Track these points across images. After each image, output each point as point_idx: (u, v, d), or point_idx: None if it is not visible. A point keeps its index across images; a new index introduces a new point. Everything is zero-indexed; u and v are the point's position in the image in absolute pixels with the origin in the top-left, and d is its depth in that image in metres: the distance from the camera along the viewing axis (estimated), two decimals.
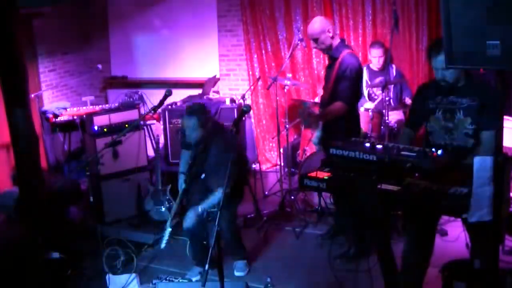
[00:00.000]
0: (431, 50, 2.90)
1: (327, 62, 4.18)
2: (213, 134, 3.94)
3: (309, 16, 5.91)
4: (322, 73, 4.84)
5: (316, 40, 4.00)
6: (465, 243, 3.25)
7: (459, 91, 2.92)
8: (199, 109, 3.94)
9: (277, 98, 5.43)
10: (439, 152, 2.50)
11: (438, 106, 2.98)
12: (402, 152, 2.54)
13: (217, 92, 6.57)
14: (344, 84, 3.91)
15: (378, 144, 2.68)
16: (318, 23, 4.00)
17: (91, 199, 3.40)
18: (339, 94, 3.93)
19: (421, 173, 2.48)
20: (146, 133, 5.37)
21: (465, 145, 2.94)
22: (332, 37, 4.00)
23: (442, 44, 2.77)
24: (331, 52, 4.05)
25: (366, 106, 5.33)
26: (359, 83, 4.15)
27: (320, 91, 5.38)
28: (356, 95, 4.07)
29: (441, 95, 2.97)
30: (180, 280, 3.94)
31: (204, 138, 3.92)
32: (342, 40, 4.14)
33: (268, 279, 3.43)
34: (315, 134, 4.11)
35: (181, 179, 4.16)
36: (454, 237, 4.23)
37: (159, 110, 4.68)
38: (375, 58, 5.40)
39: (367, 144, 2.70)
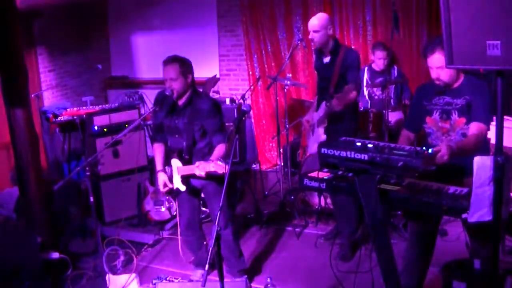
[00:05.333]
0: (426, 48, 2.90)
1: (325, 60, 4.20)
2: (195, 92, 3.56)
3: (309, 16, 5.87)
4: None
5: (316, 32, 4.06)
6: (465, 243, 3.25)
7: (454, 92, 2.91)
8: (181, 58, 3.52)
9: (277, 98, 5.42)
10: (430, 150, 2.49)
11: (435, 107, 2.98)
12: (394, 151, 2.52)
13: (217, 92, 6.57)
14: (354, 73, 4.05)
15: (369, 143, 2.66)
16: (321, 18, 4.10)
17: (91, 199, 3.39)
18: (351, 82, 3.98)
19: (413, 172, 2.47)
20: (146, 133, 5.37)
21: None
22: (331, 35, 4.13)
23: (437, 42, 2.80)
24: (329, 48, 4.13)
25: (364, 106, 5.32)
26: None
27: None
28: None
29: (438, 96, 2.97)
30: (180, 280, 3.94)
31: (184, 91, 3.49)
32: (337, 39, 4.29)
33: (268, 279, 3.43)
34: (316, 142, 4.09)
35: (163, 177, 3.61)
36: (454, 237, 4.24)
37: None
38: (380, 60, 5.38)
39: (358, 143, 2.68)
